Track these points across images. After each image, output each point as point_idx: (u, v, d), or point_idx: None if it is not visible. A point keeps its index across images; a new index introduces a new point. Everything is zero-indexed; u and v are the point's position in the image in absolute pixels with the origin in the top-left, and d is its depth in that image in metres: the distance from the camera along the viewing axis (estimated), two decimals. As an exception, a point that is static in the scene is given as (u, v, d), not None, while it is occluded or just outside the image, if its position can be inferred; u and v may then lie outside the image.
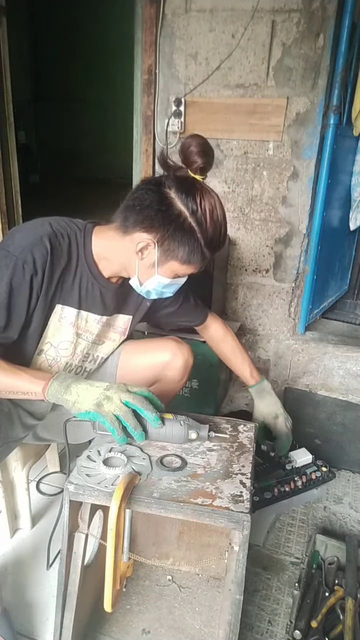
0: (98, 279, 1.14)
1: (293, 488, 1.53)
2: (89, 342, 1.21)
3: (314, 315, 2.22)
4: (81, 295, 1.13)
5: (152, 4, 1.95)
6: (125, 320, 1.30)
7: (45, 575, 1.30)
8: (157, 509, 0.85)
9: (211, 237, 1.03)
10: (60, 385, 0.97)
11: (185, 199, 1.00)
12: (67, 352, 1.17)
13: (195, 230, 1.02)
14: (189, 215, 1.01)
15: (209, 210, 1.01)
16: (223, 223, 1.05)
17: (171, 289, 1.16)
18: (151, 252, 1.05)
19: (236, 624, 0.90)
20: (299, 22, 1.82)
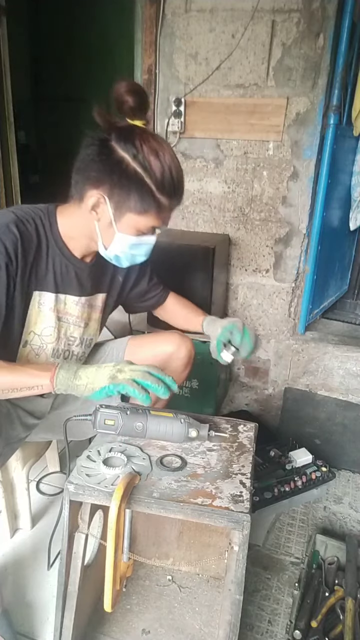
0: (71, 259, 1.13)
1: (293, 488, 1.53)
2: (71, 324, 1.20)
3: (314, 315, 2.22)
4: (56, 278, 1.11)
5: (152, 4, 1.95)
6: (101, 299, 1.28)
7: (45, 575, 1.30)
8: (157, 509, 0.85)
9: (160, 179, 0.98)
10: (67, 373, 0.98)
11: (125, 145, 0.97)
12: (52, 338, 1.15)
13: (141, 174, 0.97)
14: (131, 160, 0.97)
15: (152, 152, 0.97)
16: (172, 164, 1.00)
17: (141, 250, 1.11)
18: (104, 209, 1.02)
19: (236, 624, 0.90)
20: (299, 22, 1.82)
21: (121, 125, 1.00)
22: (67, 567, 0.96)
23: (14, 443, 1.19)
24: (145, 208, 1.01)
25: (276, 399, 2.25)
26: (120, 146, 0.97)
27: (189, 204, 2.20)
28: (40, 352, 1.15)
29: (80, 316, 1.21)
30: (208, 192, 2.15)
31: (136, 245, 1.08)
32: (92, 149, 1.00)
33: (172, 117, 2.05)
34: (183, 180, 1.04)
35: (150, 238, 1.09)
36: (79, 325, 1.22)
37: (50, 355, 1.17)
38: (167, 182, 0.99)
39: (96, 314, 1.28)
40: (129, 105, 0.99)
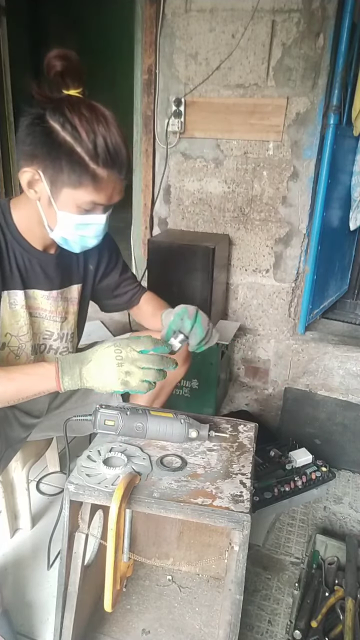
0: (33, 253, 1.08)
1: (293, 488, 1.53)
2: (45, 318, 1.16)
3: (314, 315, 2.22)
4: (22, 274, 1.07)
5: (152, 4, 1.95)
6: (76, 290, 1.23)
7: (45, 575, 1.30)
8: (157, 509, 0.85)
9: (92, 147, 0.90)
10: (72, 379, 0.95)
11: (54, 114, 0.90)
12: (28, 337, 1.12)
13: (71, 143, 0.90)
14: (60, 129, 0.90)
15: (82, 118, 0.89)
16: (108, 133, 0.91)
17: (89, 231, 1.02)
18: (42, 187, 0.96)
19: (236, 624, 0.90)
20: (299, 22, 1.82)
21: (54, 96, 0.93)
22: (67, 567, 0.96)
23: (15, 444, 1.19)
24: (79, 180, 0.93)
25: (276, 399, 2.25)
26: (51, 117, 0.90)
27: (189, 204, 2.20)
28: (20, 352, 1.13)
29: (55, 310, 1.16)
30: (208, 192, 2.15)
31: (83, 225, 1.00)
32: (25, 124, 0.93)
33: (172, 117, 2.05)
34: (124, 150, 0.94)
35: (98, 217, 1.00)
36: (54, 320, 1.17)
37: (31, 353, 1.14)
38: (100, 150, 0.90)
39: (73, 307, 1.23)
40: (57, 70, 0.91)
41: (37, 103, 0.92)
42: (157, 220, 2.28)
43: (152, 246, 1.98)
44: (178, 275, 1.95)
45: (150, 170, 2.18)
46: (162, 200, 2.23)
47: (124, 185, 0.99)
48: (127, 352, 0.93)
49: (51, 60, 0.91)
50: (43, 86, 0.92)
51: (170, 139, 2.11)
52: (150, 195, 2.22)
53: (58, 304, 1.17)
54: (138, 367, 0.93)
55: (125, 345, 0.94)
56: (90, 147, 0.90)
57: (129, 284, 1.35)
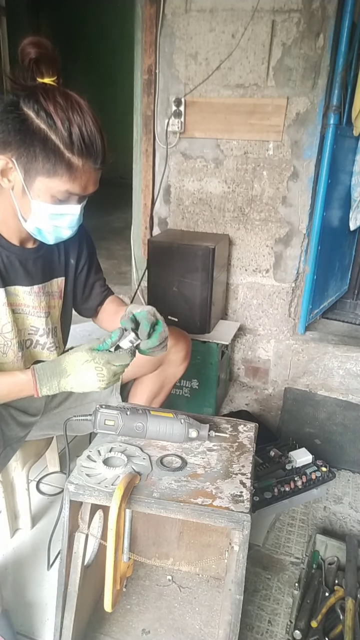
0: (10, 249, 1.06)
1: (293, 488, 1.53)
2: (29, 314, 1.14)
3: (314, 315, 2.22)
4: (0, 272, 1.05)
5: (152, 4, 1.95)
6: (59, 283, 1.22)
7: (45, 575, 1.30)
8: (157, 509, 0.85)
9: (67, 135, 0.89)
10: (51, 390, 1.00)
11: (28, 101, 0.89)
12: (14, 334, 1.12)
13: (45, 131, 0.89)
14: (35, 117, 0.88)
15: (57, 106, 0.88)
16: (84, 121, 0.90)
17: (64, 222, 1.00)
18: (15, 175, 0.94)
19: (236, 624, 0.90)
20: (299, 22, 1.82)
21: (28, 84, 0.92)
22: (67, 567, 0.96)
23: (14, 444, 1.18)
24: (53, 169, 0.91)
25: (276, 399, 2.25)
26: (25, 104, 0.89)
27: (189, 204, 2.20)
28: (6, 350, 1.12)
29: (38, 306, 1.15)
30: (208, 192, 2.15)
31: (57, 215, 0.98)
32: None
33: (172, 117, 2.05)
34: (101, 139, 0.93)
35: (73, 207, 0.99)
36: (38, 316, 1.16)
37: (17, 349, 1.14)
38: (75, 138, 0.89)
39: (56, 301, 1.21)
40: (31, 57, 0.90)
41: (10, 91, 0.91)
42: (157, 220, 2.28)
43: (152, 246, 1.99)
44: (178, 275, 1.95)
45: (150, 170, 2.18)
46: (162, 200, 2.23)
47: (99, 175, 0.98)
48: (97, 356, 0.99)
49: (25, 47, 0.90)
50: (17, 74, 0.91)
51: (170, 139, 2.11)
52: (150, 195, 2.22)
53: (41, 299, 1.15)
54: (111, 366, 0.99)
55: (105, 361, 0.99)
56: (65, 135, 0.89)
57: (102, 284, 1.35)
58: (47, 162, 0.91)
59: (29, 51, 0.90)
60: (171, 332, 1.37)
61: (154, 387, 1.40)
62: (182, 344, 1.37)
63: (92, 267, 1.31)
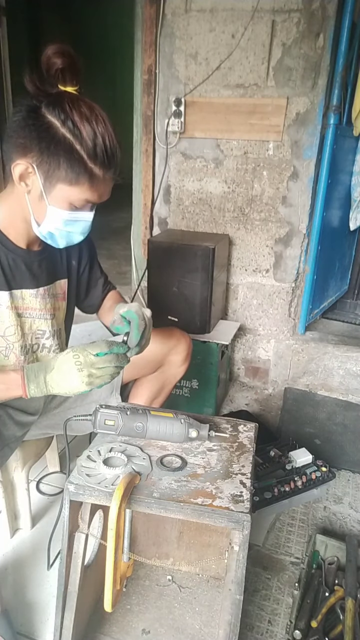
0: (17, 251, 1.07)
1: (293, 488, 1.53)
2: (35, 318, 1.15)
3: (314, 315, 2.22)
4: (6, 274, 1.05)
5: (152, 4, 1.95)
6: (62, 285, 1.23)
7: (45, 575, 1.30)
8: (157, 509, 0.85)
9: (92, 146, 0.91)
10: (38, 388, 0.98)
11: (53, 110, 0.90)
12: (17, 337, 1.11)
13: (71, 140, 0.91)
14: (61, 126, 0.90)
15: (83, 117, 0.91)
16: (106, 132, 0.92)
17: (77, 228, 1.03)
18: (34, 180, 0.95)
19: (236, 624, 0.90)
20: (299, 22, 1.82)
21: (52, 91, 0.93)
22: (67, 567, 0.96)
23: (11, 443, 1.18)
24: (76, 178, 0.93)
25: (276, 399, 2.25)
26: (50, 111, 0.90)
27: (189, 204, 2.20)
28: (8, 352, 1.12)
29: (44, 308, 1.16)
30: (208, 192, 2.15)
31: (71, 221, 1.00)
32: (19, 116, 0.93)
33: (172, 117, 2.05)
34: (118, 150, 0.96)
35: (87, 214, 1.01)
36: (45, 318, 1.17)
37: (20, 354, 1.14)
38: (99, 150, 0.92)
39: (60, 303, 1.22)
40: (58, 67, 0.91)
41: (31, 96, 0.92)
42: (157, 220, 2.28)
43: (152, 246, 1.99)
44: (178, 275, 1.95)
45: (150, 170, 2.18)
46: (162, 200, 2.23)
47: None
48: (85, 356, 0.96)
49: (51, 57, 0.91)
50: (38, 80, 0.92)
51: (170, 139, 2.11)
52: (150, 195, 2.22)
53: (46, 301, 1.16)
54: (97, 368, 0.96)
55: (82, 350, 0.97)
56: (90, 146, 0.91)
57: (102, 283, 1.36)
58: (71, 171, 0.93)
59: (55, 61, 0.91)
60: (172, 333, 1.38)
61: (154, 388, 1.41)
62: (182, 345, 1.37)
63: (94, 266, 1.32)
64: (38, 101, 0.92)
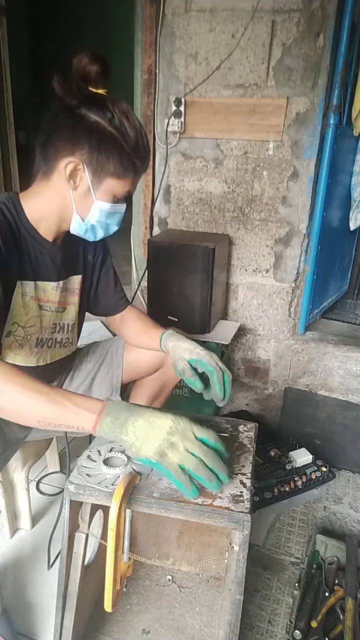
0: (44, 244, 1.11)
1: (293, 488, 1.53)
2: (53, 311, 1.18)
3: (314, 315, 2.22)
4: (33, 266, 1.09)
5: (152, 4, 1.95)
6: (78, 281, 1.25)
7: (45, 575, 1.30)
8: (157, 509, 0.85)
9: (134, 142, 1.01)
10: (114, 424, 0.83)
11: (97, 109, 0.98)
12: (36, 329, 1.13)
13: (117, 137, 0.99)
14: (107, 124, 0.98)
15: (125, 114, 0.99)
16: (141, 128, 1.03)
17: (114, 219, 1.11)
18: (82, 176, 1.02)
19: (236, 624, 0.90)
20: (299, 22, 1.82)
21: (88, 93, 1.00)
22: (67, 567, 0.96)
23: (14, 444, 1.19)
24: (124, 171, 1.02)
25: (276, 399, 2.25)
26: (93, 112, 0.97)
27: (189, 204, 2.20)
28: (24, 343, 1.13)
29: (61, 302, 1.19)
30: (208, 192, 2.15)
31: (112, 213, 1.08)
32: (60, 118, 0.99)
33: (172, 117, 2.05)
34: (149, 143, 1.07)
35: (123, 206, 1.10)
36: (58, 311, 1.19)
37: (34, 345, 1.15)
38: (140, 145, 1.02)
39: (73, 298, 1.24)
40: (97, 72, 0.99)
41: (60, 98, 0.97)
42: (157, 220, 2.28)
43: (152, 246, 1.99)
44: (178, 275, 1.95)
45: (150, 170, 2.18)
46: (162, 200, 2.23)
47: None
48: (185, 430, 0.82)
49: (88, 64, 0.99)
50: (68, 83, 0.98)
51: (170, 139, 2.11)
52: (150, 195, 2.22)
53: (61, 295, 1.19)
54: (186, 448, 0.81)
55: (186, 422, 0.83)
56: (133, 142, 1.00)
57: (118, 288, 1.38)
58: (120, 166, 1.01)
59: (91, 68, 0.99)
60: None
61: (154, 389, 1.41)
62: None
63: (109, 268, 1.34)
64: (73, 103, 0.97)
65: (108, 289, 1.36)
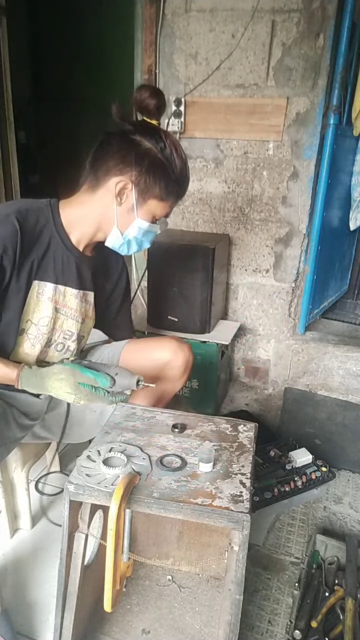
0: (73, 251, 1.17)
1: (293, 488, 1.53)
2: (69, 317, 1.21)
3: (314, 315, 2.22)
4: (56, 269, 1.15)
5: (152, 4, 1.95)
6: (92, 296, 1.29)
7: (45, 575, 1.30)
8: (157, 509, 0.85)
9: (180, 171, 1.12)
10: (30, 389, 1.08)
11: (151, 138, 1.09)
12: (48, 329, 1.17)
13: (166, 164, 1.10)
14: (158, 152, 1.09)
15: (174, 146, 1.10)
16: (186, 160, 1.14)
17: (148, 237, 1.21)
18: (129, 195, 1.11)
19: (236, 624, 0.90)
20: (299, 22, 1.82)
21: (144, 123, 1.12)
22: (67, 567, 0.96)
23: (10, 443, 1.18)
24: (166, 195, 1.13)
25: (276, 399, 2.25)
26: (147, 139, 1.08)
27: (189, 204, 2.20)
28: (35, 342, 1.16)
29: (78, 310, 1.22)
30: (208, 192, 2.15)
31: (147, 232, 1.18)
32: (117, 142, 1.09)
33: (172, 117, 2.05)
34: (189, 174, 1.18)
35: (157, 226, 1.19)
36: (77, 320, 1.23)
37: (45, 346, 1.18)
38: (183, 174, 1.14)
39: (91, 312, 1.29)
40: (155, 105, 1.11)
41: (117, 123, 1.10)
42: (157, 220, 2.28)
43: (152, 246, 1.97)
44: (178, 275, 1.95)
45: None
46: (162, 200, 2.23)
47: None
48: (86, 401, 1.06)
49: (147, 98, 1.10)
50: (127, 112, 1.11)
51: (170, 139, 2.11)
52: (150, 195, 2.22)
53: (81, 305, 1.23)
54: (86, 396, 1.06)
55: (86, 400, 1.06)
56: (178, 172, 1.12)
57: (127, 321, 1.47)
58: (165, 190, 1.12)
59: (150, 102, 1.11)
60: (168, 346, 1.36)
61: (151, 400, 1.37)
62: (179, 359, 1.34)
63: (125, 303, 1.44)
64: (129, 128, 1.09)
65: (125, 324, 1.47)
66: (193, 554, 1.25)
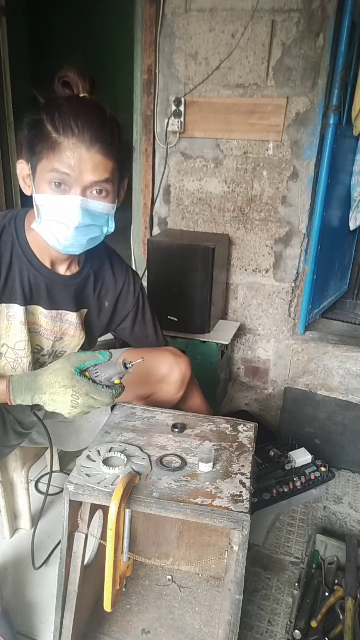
0: (41, 270, 1.06)
1: (293, 488, 1.53)
2: (39, 334, 1.13)
3: (314, 315, 2.22)
4: (25, 290, 1.05)
5: (152, 4, 1.95)
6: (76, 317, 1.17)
7: (46, 575, 1.30)
8: (157, 509, 0.85)
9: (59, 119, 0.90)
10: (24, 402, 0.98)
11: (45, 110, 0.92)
12: (27, 352, 1.10)
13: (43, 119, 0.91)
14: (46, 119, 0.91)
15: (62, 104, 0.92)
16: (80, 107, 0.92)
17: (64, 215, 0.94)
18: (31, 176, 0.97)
19: (236, 624, 0.90)
20: (299, 22, 1.82)
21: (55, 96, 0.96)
22: (67, 567, 0.96)
23: (5, 448, 1.18)
24: (46, 152, 0.91)
25: (276, 399, 2.25)
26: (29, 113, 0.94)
27: (189, 204, 2.20)
28: (16, 366, 1.11)
29: (51, 330, 1.13)
30: (208, 192, 2.15)
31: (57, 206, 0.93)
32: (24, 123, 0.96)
33: (172, 117, 2.05)
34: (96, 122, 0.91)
35: (71, 197, 0.92)
36: (47, 338, 1.14)
37: (27, 368, 1.12)
38: (65, 121, 0.89)
39: (72, 331, 1.17)
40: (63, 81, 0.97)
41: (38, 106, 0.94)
42: (157, 220, 2.28)
43: (152, 246, 1.99)
44: (178, 275, 1.95)
45: (150, 170, 2.18)
46: (162, 200, 2.23)
47: (102, 162, 0.92)
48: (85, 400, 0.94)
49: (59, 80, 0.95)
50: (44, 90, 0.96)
51: (170, 139, 2.11)
52: (150, 195, 2.22)
53: (55, 324, 1.14)
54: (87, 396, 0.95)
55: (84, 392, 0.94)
56: (56, 119, 0.89)
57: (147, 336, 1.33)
58: (42, 147, 0.91)
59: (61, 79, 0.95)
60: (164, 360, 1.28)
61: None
62: (175, 374, 1.27)
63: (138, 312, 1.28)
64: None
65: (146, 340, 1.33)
66: (193, 554, 1.25)
